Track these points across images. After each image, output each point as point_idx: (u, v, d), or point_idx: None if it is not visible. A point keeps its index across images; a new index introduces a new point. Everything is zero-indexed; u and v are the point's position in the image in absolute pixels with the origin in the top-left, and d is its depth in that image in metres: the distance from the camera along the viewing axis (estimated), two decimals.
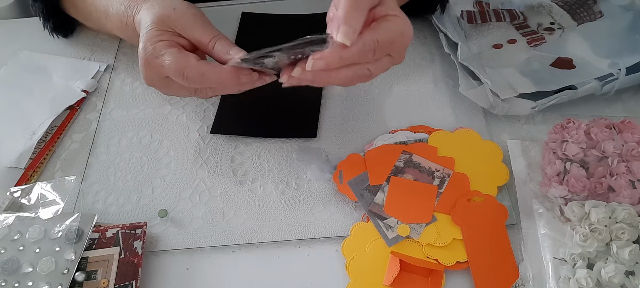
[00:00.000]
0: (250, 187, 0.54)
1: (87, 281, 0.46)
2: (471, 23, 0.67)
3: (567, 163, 0.50)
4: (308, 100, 0.60)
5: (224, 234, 0.50)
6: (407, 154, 0.54)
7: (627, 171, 0.49)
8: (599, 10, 0.67)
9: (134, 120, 0.61)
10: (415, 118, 0.59)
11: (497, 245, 0.47)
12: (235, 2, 0.74)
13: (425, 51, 0.66)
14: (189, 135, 0.59)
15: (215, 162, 0.56)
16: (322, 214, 0.51)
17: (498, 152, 0.54)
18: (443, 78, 0.63)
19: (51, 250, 0.47)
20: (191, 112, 0.61)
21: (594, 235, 0.44)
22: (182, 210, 0.52)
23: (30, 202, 0.51)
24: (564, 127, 0.53)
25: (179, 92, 0.52)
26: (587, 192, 0.48)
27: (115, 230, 0.49)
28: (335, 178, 0.53)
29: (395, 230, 0.48)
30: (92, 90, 0.64)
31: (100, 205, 0.53)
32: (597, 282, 0.43)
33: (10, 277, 0.45)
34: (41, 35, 0.70)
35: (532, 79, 0.59)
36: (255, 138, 0.57)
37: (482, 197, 0.50)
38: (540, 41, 0.64)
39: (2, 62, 0.67)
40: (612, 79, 0.57)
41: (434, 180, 0.52)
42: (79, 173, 0.56)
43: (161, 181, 0.55)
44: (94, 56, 0.68)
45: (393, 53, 0.47)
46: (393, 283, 0.45)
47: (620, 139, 0.51)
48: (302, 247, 0.49)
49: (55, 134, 0.59)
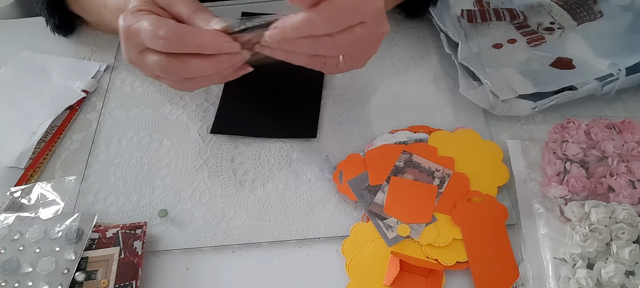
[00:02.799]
0: (250, 187, 0.54)
1: (87, 281, 0.46)
2: (471, 22, 0.67)
3: (567, 163, 0.50)
4: (308, 101, 0.60)
5: (224, 234, 0.50)
6: (407, 154, 0.54)
7: (627, 171, 0.49)
8: (599, 10, 0.67)
9: (134, 120, 0.61)
10: (415, 118, 0.59)
11: (497, 245, 0.47)
12: (235, 2, 0.74)
13: (426, 51, 0.66)
14: (189, 135, 0.59)
15: (215, 162, 0.56)
16: (322, 214, 0.51)
17: (498, 152, 0.54)
18: (443, 78, 0.63)
19: (51, 250, 0.47)
20: (191, 112, 0.61)
21: (594, 235, 0.44)
22: (182, 210, 0.52)
23: (30, 202, 0.51)
24: (564, 127, 0.53)
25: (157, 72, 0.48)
26: (587, 192, 0.48)
27: (115, 230, 0.49)
28: (335, 178, 0.53)
29: (395, 230, 0.48)
30: (92, 90, 0.64)
31: (100, 205, 0.53)
32: (597, 282, 0.43)
33: (10, 277, 0.45)
34: (41, 35, 0.70)
35: (532, 80, 0.59)
36: (255, 138, 0.57)
37: (482, 197, 0.50)
38: (540, 41, 0.64)
39: (2, 62, 0.67)
40: (613, 79, 0.57)
41: (434, 180, 0.52)
42: (79, 173, 0.56)
43: (161, 181, 0.55)
44: (94, 56, 0.68)
45: (367, 20, 0.45)
46: (393, 283, 0.45)
47: (620, 139, 0.51)
48: (302, 247, 0.49)
49: (55, 134, 0.59)
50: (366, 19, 0.45)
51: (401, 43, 0.67)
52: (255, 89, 0.61)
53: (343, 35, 0.45)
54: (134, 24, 0.45)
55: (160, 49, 0.45)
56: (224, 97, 0.61)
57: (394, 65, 0.65)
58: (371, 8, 0.45)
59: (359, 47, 0.48)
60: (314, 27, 0.44)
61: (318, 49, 0.46)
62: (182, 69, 0.46)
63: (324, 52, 0.47)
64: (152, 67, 0.47)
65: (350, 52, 0.49)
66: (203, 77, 0.48)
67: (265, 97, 0.60)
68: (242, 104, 0.60)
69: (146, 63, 0.47)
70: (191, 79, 0.48)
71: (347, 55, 0.49)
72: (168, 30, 0.44)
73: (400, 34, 0.68)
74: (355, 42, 0.46)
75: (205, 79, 0.49)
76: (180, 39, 0.44)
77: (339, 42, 0.45)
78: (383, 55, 0.65)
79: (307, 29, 0.44)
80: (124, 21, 0.46)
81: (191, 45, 0.45)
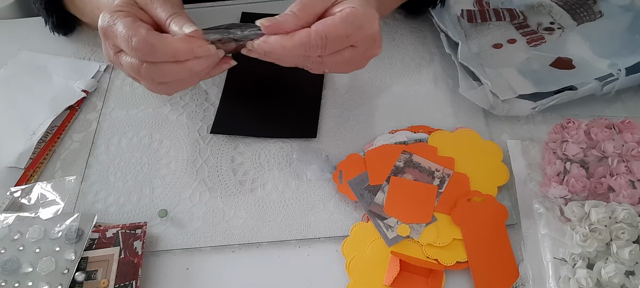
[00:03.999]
0: (250, 187, 0.54)
1: (87, 281, 0.46)
2: (471, 22, 0.67)
3: (567, 163, 0.50)
4: (308, 101, 0.60)
5: (224, 234, 0.50)
6: (407, 154, 0.54)
7: (627, 171, 0.49)
8: (598, 10, 0.67)
9: (134, 120, 0.61)
10: (415, 118, 0.59)
11: (497, 245, 0.47)
12: (235, 2, 0.74)
13: (425, 51, 0.66)
14: (189, 135, 0.59)
15: (215, 162, 0.56)
16: (322, 214, 0.51)
17: (498, 152, 0.54)
18: (443, 78, 0.63)
19: (51, 250, 0.47)
20: (191, 112, 0.61)
21: (594, 235, 0.44)
22: (182, 210, 0.52)
23: (30, 202, 0.51)
24: (564, 127, 0.53)
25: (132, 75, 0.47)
26: (587, 192, 0.48)
27: (115, 230, 0.49)
28: (335, 178, 0.53)
29: (395, 230, 0.48)
30: (92, 90, 0.64)
31: (100, 205, 0.53)
32: (597, 282, 0.43)
33: (10, 277, 0.45)
34: (41, 35, 0.70)
35: (532, 80, 0.59)
36: (256, 138, 0.57)
37: (482, 197, 0.50)
38: (540, 41, 0.64)
39: (2, 62, 0.67)
40: (612, 79, 0.57)
41: (434, 180, 0.52)
42: (79, 173, 0.56)
43: (161, 181, 0.55)
44: (94, 56, 0.68)
45: (358, 44, 0.46)
46: (393, 283, 0.45)
47: (620, 139, 0.51)
48: (302, 247, 0.49)
49: (55, 134, 0.59)
50: (357, 44, 0.46)
51: (401, 43, 0.67)
52: (255, 89, 0.61)
53: (331, 57, 0.46)
54: (112, 25, 0.45)
55: (133, 57, 0.45)
56: (224, 97, 0.61)
57: (394, 65, 0.65)
58: (364, 35, 0.46)
59: (345, 65, 0.49)
60: (304, 50, 0.45)
61: (304, 64, 0.47)
62: (155, 74, 0.46)
63: (309, 67, 0.48)
64: (127, 69, 0.47)
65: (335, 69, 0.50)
66: (180, 80, 0.48)
67: (265, 97, 0.60)
68: (242, 104, 0.60)
69: (122, 64, 0.47)
70: (167, 83, 0.48)
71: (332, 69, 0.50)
72: (139, 40, 0.43)
73: (401, 34, 0.68)
74: (343, 62, 0.48)
75: (183, 82, 0.49)
76: (152, 48, 0.44)
77: (326, 62, 0.47)
78: (383, 55, 0.65)
79: (298, 51, 0.45)
80: (102, 21, 0.46)
81: (163, 55, 0.44)
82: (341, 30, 0.44)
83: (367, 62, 0.51)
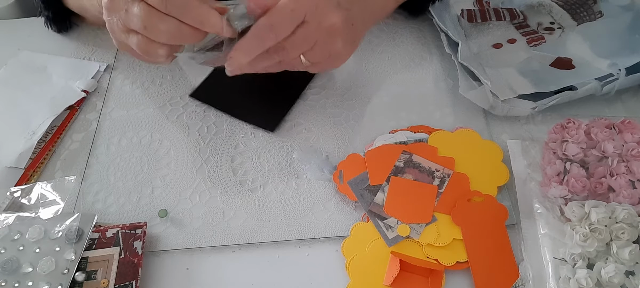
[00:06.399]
0: (250, 187, 0.54)
1: (87, 281, 0.46)
2: (471, 22, 0.67)
3: (567, 163, 0.50)
4: (283, 97, 0.61)
5: (224, 234, 0.50)
6: (407, 154, 0.54)
7: (627, 171, 0.49)
8: (598, 10, 0.67)
9: (134, 120, 0.61)
10: (415, 118, 0.59)
11: (497, 245, 0.47)
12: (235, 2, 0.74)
13: (425, 51, 0.66)
14: (189, 135, 0.59)
15: (215, 162, 0.56)
16: (322, 214, 0.51)
17: (498, 152, 0.54)
18: (443, 78, 0.63)
19: (51, 250, 0.47)
20: (191, 112, 0.61)
21: (594, 235, 0.44)
22: (182, 210, 0.52)
23: (30, 202, 0.51)
24: (564, 127, 0.53)
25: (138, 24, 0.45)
26: (587, 192, 0.48)
27: (115, 230, 0.49)
28: (335, 178, 0.53)
29: (395, 230, 0.48)
30: (92, 90, 0.64)
31: (100, 205, 0.53)
32: (597, 282, 0.43)
33: (10, 277, 0.45)
34: (41, 35, 0.70)
35: (532, 80, 0.59)
36: (257, 136, 0.57)
37: (482, 197, 0.50)
38: (540, 41, 0.64)
39: (2, 62, 0.67)
40: (612, 79, 0.57)
41: (434, 180, 0.52)
42: (79, 173, 0.56)
43: (161, 181, 0.55)
44: (94, 56, 0.68)
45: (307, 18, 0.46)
46: (393, 283, 0.45)
47: (620, 139, 0.51)
48: (302, 247, 0.49)
49: (55, 134, 0.59)
50: (307, 18, 0.46)
51: (401, 43, 0.67)
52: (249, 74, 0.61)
53: (288, 41, 0.46)
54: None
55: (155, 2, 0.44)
56: (216, 70, 0.62)
57: (394, 65, 0.65)
58: (307, 5, 0.45)
59: (312, 48, 0.48)
60: (260, 42, 0.45)
61: (273, 59, 0.48)
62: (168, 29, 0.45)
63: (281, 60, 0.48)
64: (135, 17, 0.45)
65: (309, 57, 0.49)
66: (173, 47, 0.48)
67: (251, 83, 0.60)
68: (230, 82, 0.59)
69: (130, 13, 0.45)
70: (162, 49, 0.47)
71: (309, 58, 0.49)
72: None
73: (400, 34, 0.68)
74: (303, 43, 0.47)
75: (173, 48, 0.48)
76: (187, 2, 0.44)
77: (287, 48, 0.47)
78: (383, 55, 0.66)
79: (256, 46, 0.45)
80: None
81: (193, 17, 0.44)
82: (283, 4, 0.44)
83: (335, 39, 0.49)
